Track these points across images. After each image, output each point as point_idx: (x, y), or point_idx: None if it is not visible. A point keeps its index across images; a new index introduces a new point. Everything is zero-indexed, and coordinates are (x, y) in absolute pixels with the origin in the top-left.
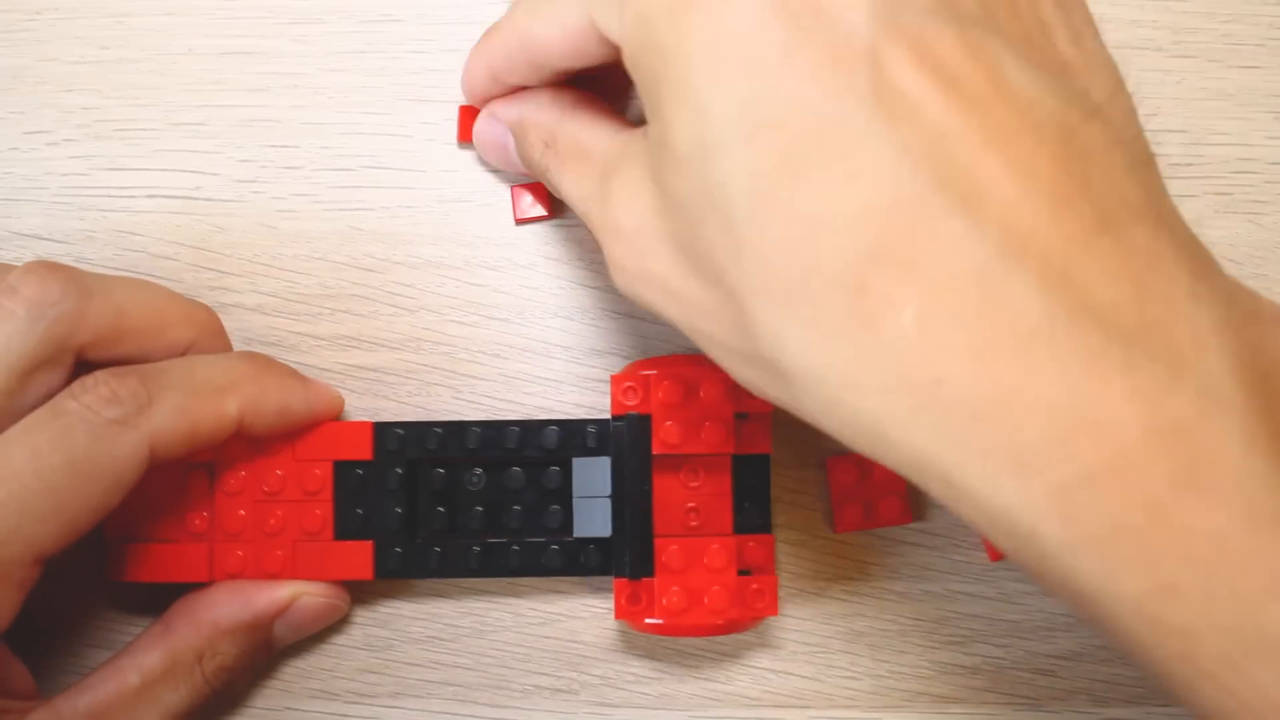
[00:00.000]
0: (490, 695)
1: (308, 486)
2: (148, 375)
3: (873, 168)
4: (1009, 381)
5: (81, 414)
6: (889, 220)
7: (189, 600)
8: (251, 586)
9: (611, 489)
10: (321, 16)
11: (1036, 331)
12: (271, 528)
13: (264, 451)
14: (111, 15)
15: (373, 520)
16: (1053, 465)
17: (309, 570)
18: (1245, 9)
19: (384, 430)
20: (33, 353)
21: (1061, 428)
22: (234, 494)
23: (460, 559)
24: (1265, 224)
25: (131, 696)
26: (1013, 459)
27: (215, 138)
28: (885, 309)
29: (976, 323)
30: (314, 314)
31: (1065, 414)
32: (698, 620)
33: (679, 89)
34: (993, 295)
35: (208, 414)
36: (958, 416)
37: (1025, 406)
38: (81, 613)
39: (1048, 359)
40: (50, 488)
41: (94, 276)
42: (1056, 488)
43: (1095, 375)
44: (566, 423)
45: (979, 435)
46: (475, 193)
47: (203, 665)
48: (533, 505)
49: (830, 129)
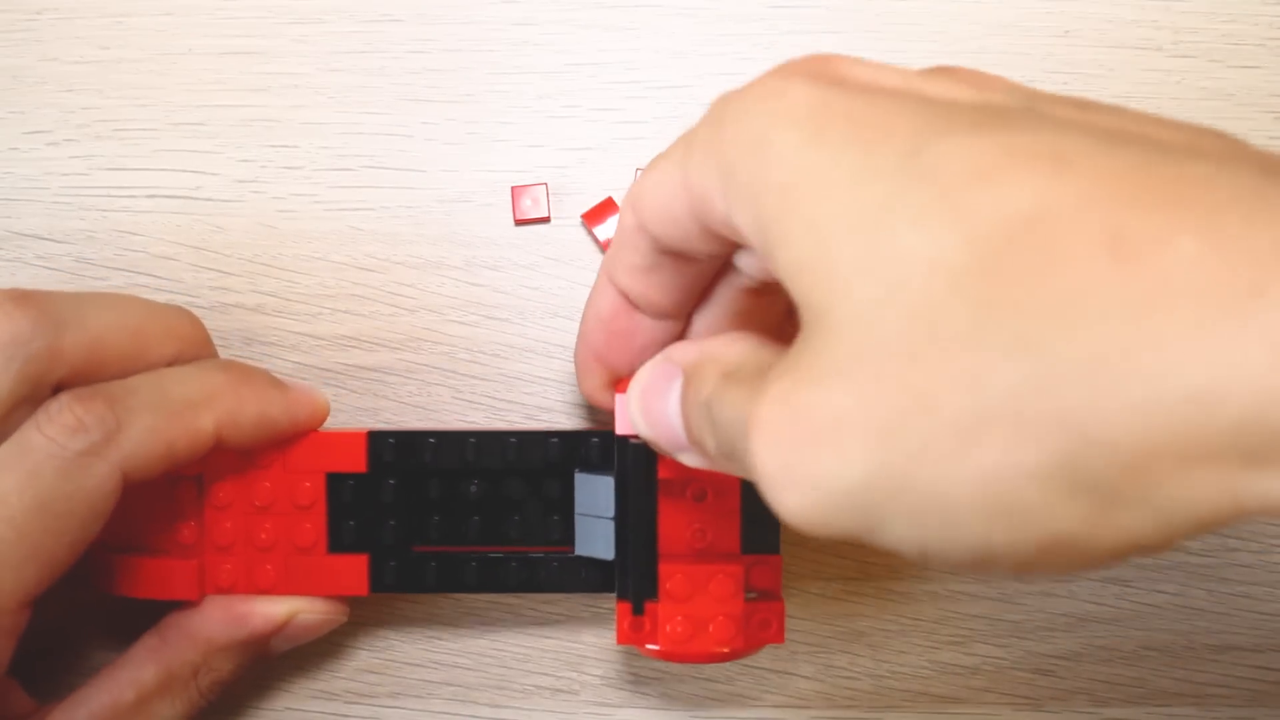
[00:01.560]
0: (490, 695)
1: (299, 500)
2: (115, 397)
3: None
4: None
5: (48, 449)
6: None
7: (183, 614)
8: (247, 603)
9: (615, 511)
10: (321, 16)
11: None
12: (262, 542)
13: (254, 463)
14: (111, 15)
15: (367, 533)
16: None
17: (302, 586)
18: (1245, 9)
19: (378, 440)
20: (8, 395)
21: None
22: (223, 507)
23: (458, 574)
24: None
25: (127, 711)
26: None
27: (215, 138)
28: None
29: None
30: (314, 314)
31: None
32: (701, 649)
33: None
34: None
35: (182, 433)
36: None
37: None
38: (75, 621)
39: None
40: (23, 533)
41: (67, 302)
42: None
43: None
44: (568, 434)
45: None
46: (475, 193)
47: (198, 680)
48: (532, 516)
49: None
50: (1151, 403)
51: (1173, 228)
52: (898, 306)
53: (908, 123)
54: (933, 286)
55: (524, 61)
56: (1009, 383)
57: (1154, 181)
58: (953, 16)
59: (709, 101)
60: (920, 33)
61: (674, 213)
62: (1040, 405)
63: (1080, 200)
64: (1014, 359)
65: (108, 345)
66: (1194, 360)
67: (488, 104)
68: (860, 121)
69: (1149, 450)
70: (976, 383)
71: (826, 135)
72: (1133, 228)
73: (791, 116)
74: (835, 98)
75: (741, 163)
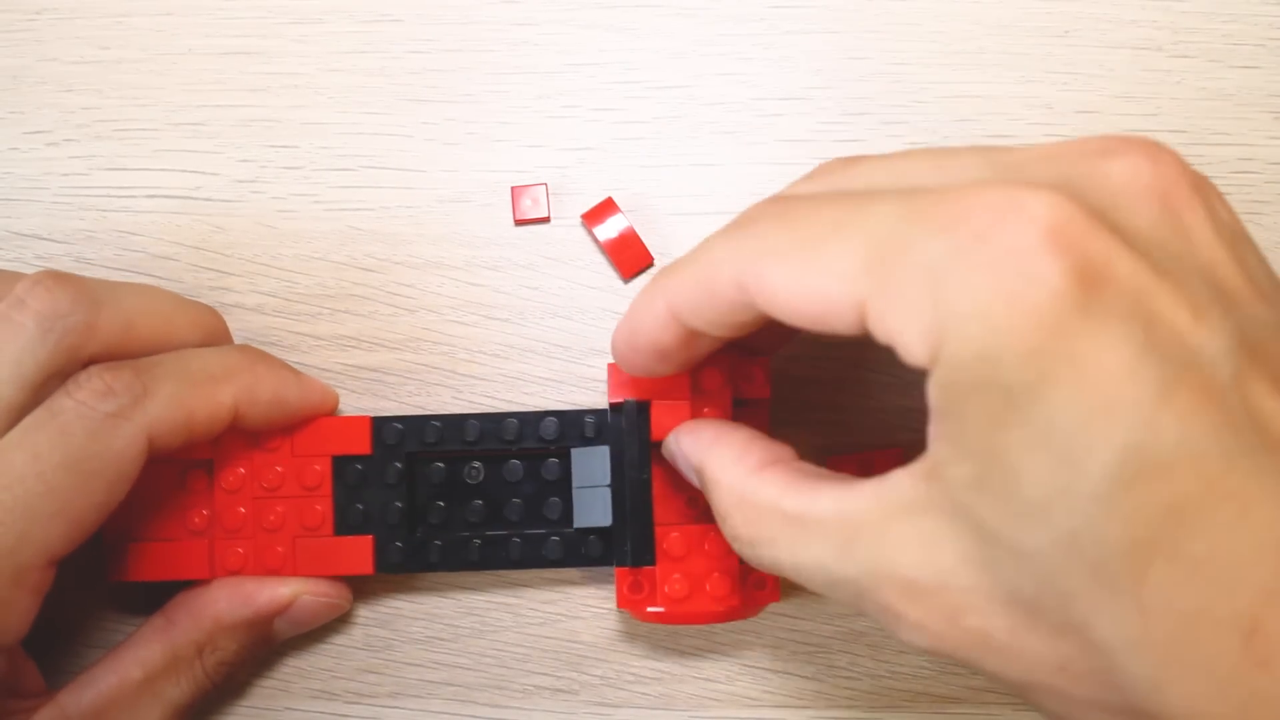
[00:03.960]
0: (490, 695)
1: (307, 482)
2: (141, 368)
3: (1265, 503)
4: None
5: (77, 410)
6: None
7: (190, 595)
8: (253, 583)
9: (611, 478)
10: (321, 16)
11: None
12: (271, 524)
13: (262, 448)
14: (111, 15)
15: (372, 515)
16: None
17: (310, 566)
18: (1245, 9)
19: (382, 424)
20: (44, 365)
21: None
22: (233, 491)
23: (461, 552)
24: (1265, 224)
25: (134, 691)
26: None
27: (215, 138)
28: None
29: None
30: (314, 314)
31: None
32: (700, 608)
33: (1038, 433)
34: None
35: (203, 403)
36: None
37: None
38: (83, 613)
39: None
40: (53, 488)
41: (102, 285)
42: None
43: None
44: (565, 413)
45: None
46: (475, 193)
47: (203, 660)
48: (532, 497)
49: (1218, 468)
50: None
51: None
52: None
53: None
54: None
55: (524, 61)
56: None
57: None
58: (953, 16)
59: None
60: (920, 33)
61: (796, 308)
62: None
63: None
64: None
65: (139, 327)
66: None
67: (487, 104)
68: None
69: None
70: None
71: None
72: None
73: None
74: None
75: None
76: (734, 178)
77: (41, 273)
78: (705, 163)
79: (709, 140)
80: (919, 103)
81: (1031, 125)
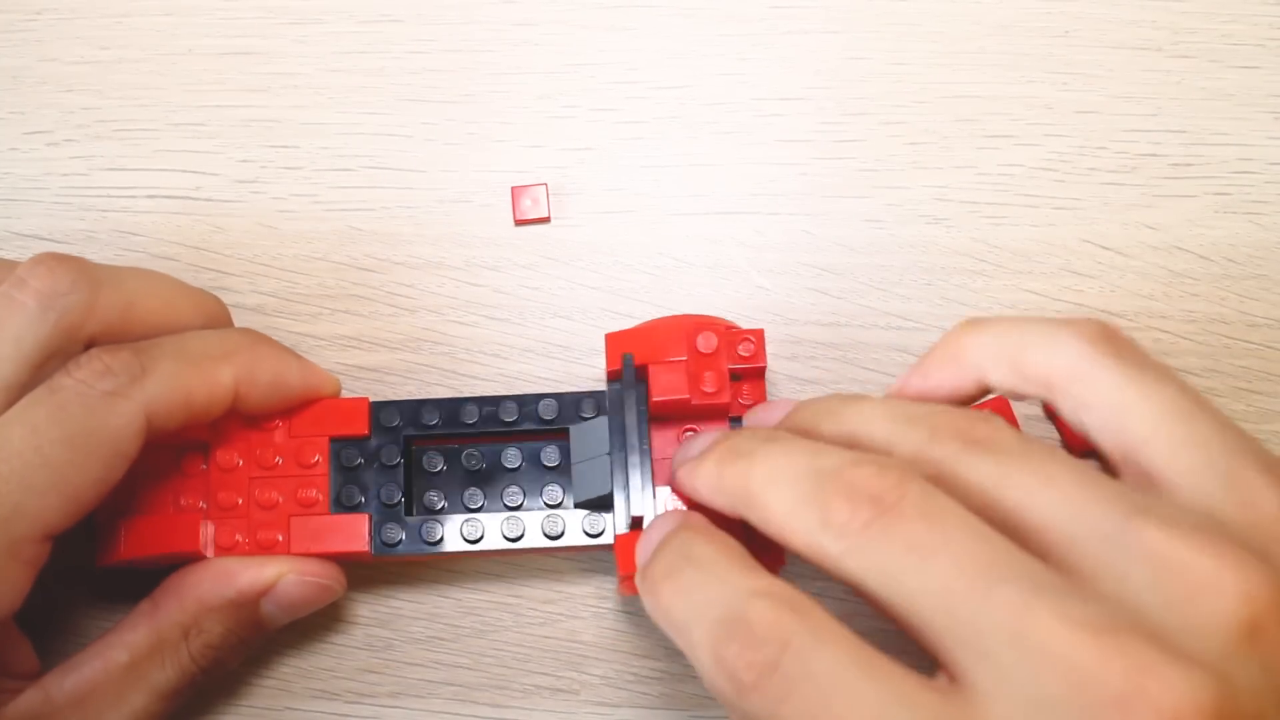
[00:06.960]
0: (490, 695)
1: (303, 462)
2: (141, 348)
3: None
4: None
5: (76, 388)
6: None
7: (175, 578)
8: (238, 564)
9: (610, 446)
10: (321, 16)
11: None
12: (267, 502)
13: (260, 429)
14: (111, 15)
15: (369, 498)
16: None
17: (305, 545)
18: (1245, 9)
19: (380, 407)
20: (44, 344)
21: None
22: (229, 470)
23: (457, 533)
24: (1265, 224)
25: (119, 674)
26: None
27: (215, 138)
28: None
29: None
30: (314, 314)
31: None
32: None
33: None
34: None
35: (202, 382)
36: None
37: None
38: (72, 602)
39: None
40: (49, 463)
41: (104, 268)
42: None
43: None
44: (564, 395)
45: None
46: (475, 193)
47: (189, 643)
48: (531, 482)
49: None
50: None
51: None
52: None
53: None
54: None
55: (524, 61)
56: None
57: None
58: (953, 16)
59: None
60: (920, 33)
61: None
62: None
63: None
64: None
65: (139, 309)
66: None
67: (488, 104)
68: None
69: None
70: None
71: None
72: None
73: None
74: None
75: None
76: (734, 178)
77: (43, 254)
78: (705, 163)
79: (709, 140)
80: (919, 103)
81: (1031, 125)
